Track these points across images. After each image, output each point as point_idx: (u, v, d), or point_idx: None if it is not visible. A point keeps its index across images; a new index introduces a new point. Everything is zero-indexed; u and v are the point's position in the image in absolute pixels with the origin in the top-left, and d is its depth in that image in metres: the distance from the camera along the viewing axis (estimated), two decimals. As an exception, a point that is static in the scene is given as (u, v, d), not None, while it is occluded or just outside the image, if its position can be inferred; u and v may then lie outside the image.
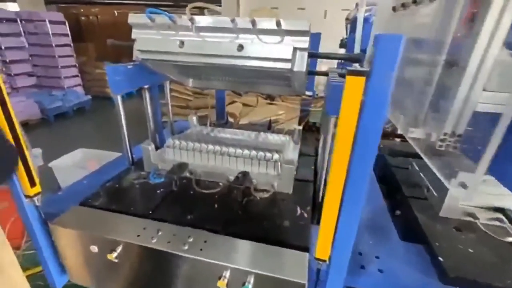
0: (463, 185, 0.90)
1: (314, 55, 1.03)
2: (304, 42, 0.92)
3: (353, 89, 0.50)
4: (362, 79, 0.49)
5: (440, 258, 0.83)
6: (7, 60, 5.78)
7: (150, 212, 0.99)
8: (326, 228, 0.64)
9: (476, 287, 0.76)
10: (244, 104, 4.25)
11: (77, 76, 6.79)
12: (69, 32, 6.42)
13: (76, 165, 3.31)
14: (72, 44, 6.53)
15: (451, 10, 0.68)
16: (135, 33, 1.04)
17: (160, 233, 0.89)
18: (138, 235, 0.87)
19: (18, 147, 0.85)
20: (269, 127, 1.68)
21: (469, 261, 0.83)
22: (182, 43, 0.98)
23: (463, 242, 0.90)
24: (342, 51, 3.59)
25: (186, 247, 0.83)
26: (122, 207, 1.00)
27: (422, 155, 0.78)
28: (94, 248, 0.90)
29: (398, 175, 1.34)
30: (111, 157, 3.41)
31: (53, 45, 6.04)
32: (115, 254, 0.86)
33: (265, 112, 3.39)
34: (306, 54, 0.94)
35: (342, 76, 1.17)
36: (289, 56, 0.91)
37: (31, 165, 0.88)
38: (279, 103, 3.52)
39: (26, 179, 0.87)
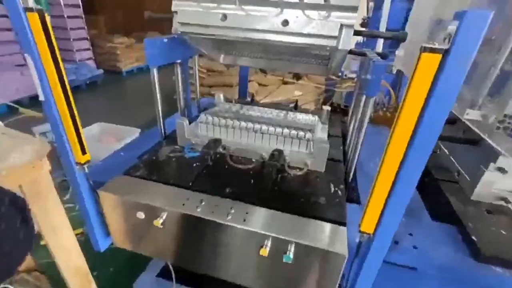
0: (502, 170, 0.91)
1: (358, 33, 1.01)
2: (351, 18, 0.89)
3: (426, 67, 0.50)
4: (438, 57, 0.49)
5: (474, 238, 0.86)
6: (20, 31, 5.73)
7: (190, 184, 1.03)
8: (375, 201, 0.66)
9: (509, 266, 0.79)
10: (259, 84, 4.20)
11: (89, 49, 6.73)
12: (80, 3, 6.29)
13: (94, 138, 3.40)
14: (83, 16, 6.42)
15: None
16: (175, 5, 1.03)
17: (203, 203, 0.93)
18: (183, 204, 0.92)
19: (71, 114, 0.88)
20: (295, 106, 1.68)
21: (502, 241, 0.86)
22: (224, 16, 0.97)
23: (495, 224, 0.92)
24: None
25: (229, 217, 0.88)
26: (163, 178, 1.05)
27: (483, 136, 0.79)
28: (141, 214, 0.95)
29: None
30: (128, 131, 3.50)
31: (65, 16, 5.95)
32: (161, 221, 0.91)
33: (281, 93, 3.36)
34: (352, 31, 0.92)
35: (381, 56, 1.15)
36: (336, 33, 0.89)
37: (82, 132, 0.91)
38: (305, 82, 3.47)
39: (78, 146, 0.90)
